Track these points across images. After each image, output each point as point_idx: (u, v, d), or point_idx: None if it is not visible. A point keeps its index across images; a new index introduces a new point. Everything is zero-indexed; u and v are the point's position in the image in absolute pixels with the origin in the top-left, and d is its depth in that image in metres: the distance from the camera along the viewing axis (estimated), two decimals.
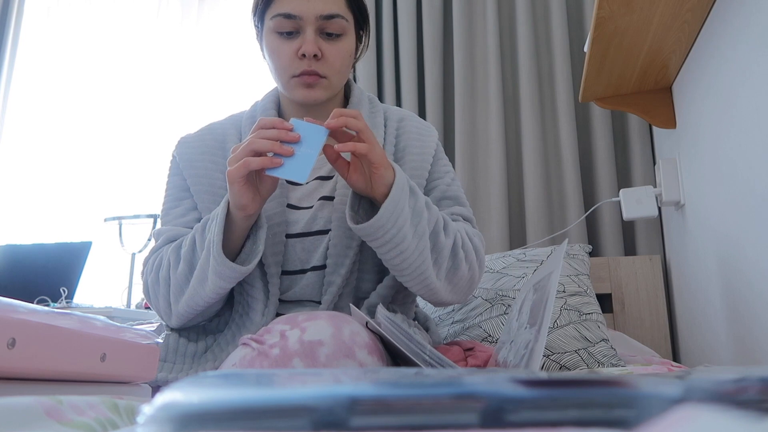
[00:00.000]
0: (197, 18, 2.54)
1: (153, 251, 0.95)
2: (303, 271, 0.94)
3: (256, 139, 0.78)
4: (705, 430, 0.18)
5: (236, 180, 0.79)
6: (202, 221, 0.89)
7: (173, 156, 1.03)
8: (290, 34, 0.92)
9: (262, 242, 0.86)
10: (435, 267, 0.88)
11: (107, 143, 2.45)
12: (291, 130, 0.80)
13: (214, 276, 0.83)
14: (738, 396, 0.25)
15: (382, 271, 0.96)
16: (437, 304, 0.98)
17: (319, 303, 0.93)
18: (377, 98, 1.09)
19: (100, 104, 2.49)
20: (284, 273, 0.94)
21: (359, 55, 1.03)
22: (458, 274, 0.92)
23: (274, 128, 0.80)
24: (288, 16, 0.91)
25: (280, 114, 1.04)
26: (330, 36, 0.93)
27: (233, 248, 0.87)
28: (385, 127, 1.04)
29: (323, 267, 0.93)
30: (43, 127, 2.50)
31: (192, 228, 0.94)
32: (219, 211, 0.84)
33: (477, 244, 0.97)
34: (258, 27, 0.99)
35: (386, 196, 0.82)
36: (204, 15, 2.55)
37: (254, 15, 0.98)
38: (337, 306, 0.93)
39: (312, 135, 0.81)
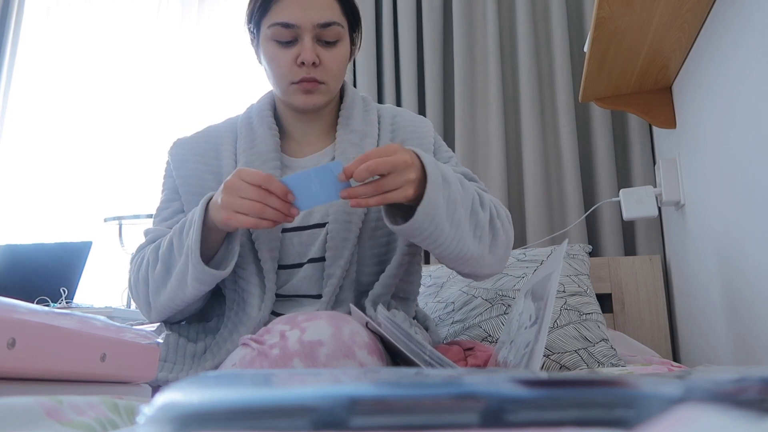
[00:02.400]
0: (197, 18, 2.54)
1: (138, 250, 0.99)
2: (300, 265, 0.95)
3: (269, 209, 0.80)
4: (705, 430, 0.18)
5: (234, 226, 0.83)
6: (180, 223, 0.91)
7: (168, 157, 1.06)
8: (288, 43, 0.94)
9: (237, 242, 0.89)
10: (480, 245, 0.90)
11: (107, 143, 2.45)
12: (293, 200, 0.83)
13: (193, 281, 0.86)
14: (738, 396, 0.25)
15: (381, 263, 0.97)
16: (479, 278, 1.00)
17: (318, 297, 0.94)
18: (371, 98, 1.11)
19: (100, 104, 2.49)
20: (281, 267, 0.95)
21: (352, 56, 1.05)
22: (498, 243, 0.94)
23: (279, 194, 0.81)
24: (286, 26, 0.92)
25: (276, 117, 1.05)
26: (327, 43, 0.94)
27: (213, 244, 0.89)
28: (379, 124, 1.05)
29: (320, 259, 0.94)
30: (43, 127, 2.50)
31: None
32: (196, 218, 0.85)
33: (504, 209, 1.00)
34: (254, 33, 0.99)
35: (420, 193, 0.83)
36: (204, 15, 2.55)
37: (249, 22, 0.99)
38: (338, 298, 0.93)
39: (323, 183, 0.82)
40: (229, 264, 0.88)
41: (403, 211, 0.88)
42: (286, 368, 0.68)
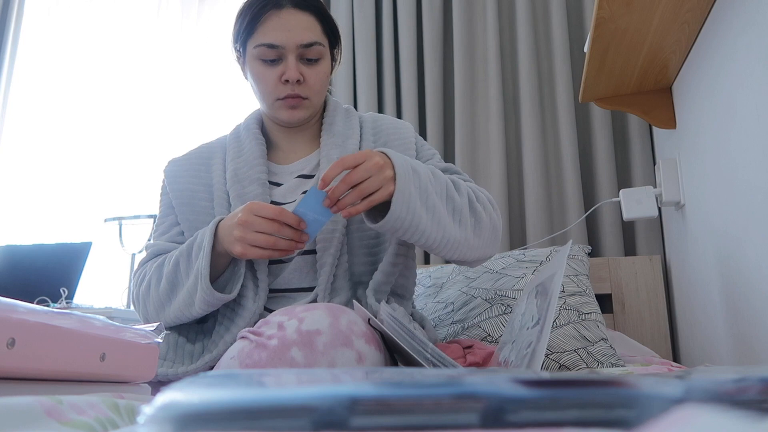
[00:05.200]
0: (197, 18, 2.54)
1: (140, 264, 1.04)
2: (290, 259, 1.00)
3: (281, 240, 0.86)
4: (705, 430, 0.18)
5: (249, 258, 0.89)
6: (187, 244, 0.95)
7: (163, 175, 1.11)
8: (273, 61, 1.00)
9: (242, 265, 0.95)
10: (462, 228, 0.94)
11: (107, 144, 2.45)
12: (305, 228, 0.87)
13: (201, 303, 0.91)
14: (738, 396, 0.25)
15: (373, 254, 1.02)
16: (472, 263, 1.04)
17: (310, 290, 0.98)
18: (353, 108, 1.17)
19: (100, 104, 2.49)
20: (272, 262, 1.00)
21: (333, 71, 1.11)
22: (482, 225, 0.98)
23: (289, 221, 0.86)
24: (271, 46, 0.98)
25: (263, 131, 1.11)
26: (309, 61, 1.01)
27: (220, 267, 0.94)
28: (361, 129, 1.11)
29: (311, 252, 0.98)
30: (43, 127, 2.50)
31: (174, 242, 1.03)
32: (205, 244, 0.90)
33: (487, 194, 1.03)
34: (240, 52, 1.05)
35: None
36: (204, 15, 2.55)
37: (236, 42, 1.05)
38: (333, 287, 0.97)
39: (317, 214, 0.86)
40: (235, 286, 0.93)
41: (382, 210, 0.92)
42: (284, 358, 0.70)
